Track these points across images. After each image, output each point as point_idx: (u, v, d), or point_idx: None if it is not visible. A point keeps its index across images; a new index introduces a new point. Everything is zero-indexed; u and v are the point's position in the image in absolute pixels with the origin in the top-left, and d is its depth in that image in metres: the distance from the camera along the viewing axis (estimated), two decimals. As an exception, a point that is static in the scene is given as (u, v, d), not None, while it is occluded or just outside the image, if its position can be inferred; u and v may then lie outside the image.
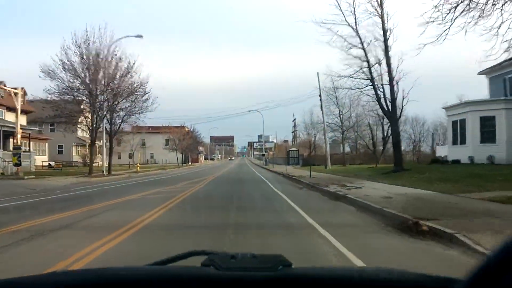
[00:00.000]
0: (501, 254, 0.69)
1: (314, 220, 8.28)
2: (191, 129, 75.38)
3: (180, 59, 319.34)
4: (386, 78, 21.91)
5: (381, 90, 21.98)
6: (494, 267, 0.69)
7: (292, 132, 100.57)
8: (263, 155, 71.22)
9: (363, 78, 22.08)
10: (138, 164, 42.57)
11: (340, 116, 44.90)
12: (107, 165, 32.42)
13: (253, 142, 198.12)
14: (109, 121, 31.89)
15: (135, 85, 31.01)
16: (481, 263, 0.71)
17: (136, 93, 30.92)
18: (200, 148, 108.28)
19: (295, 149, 60.93)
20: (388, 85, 21.72)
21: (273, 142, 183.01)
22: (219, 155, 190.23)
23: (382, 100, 22.22)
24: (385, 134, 62.82)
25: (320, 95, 38.20)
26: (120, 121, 32.52)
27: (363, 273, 1.23)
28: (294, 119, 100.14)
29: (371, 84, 21.87)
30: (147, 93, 31.78)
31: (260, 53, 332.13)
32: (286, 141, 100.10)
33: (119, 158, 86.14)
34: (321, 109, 38.90)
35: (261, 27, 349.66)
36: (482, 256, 0.95)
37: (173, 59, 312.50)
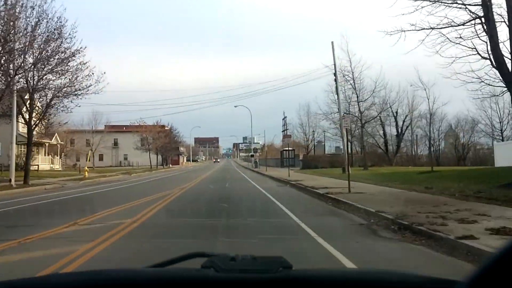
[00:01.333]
0: (501, 257, 0.69)
1: None
2: (169, 127, 64.11)
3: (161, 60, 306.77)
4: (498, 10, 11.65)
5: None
6: (494, 269, 0.69)
7: (283, 131, 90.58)
8: (252, 155, 60.74)
9: (459, 5, 11.59)
10: (86, 169, 31.81)
11: (358, 104, 34.61)
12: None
13: (239, 144, 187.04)
14: (26, 104, 20.92)
15: (67, 53, 20.07)
16: (481, 265, 0.71)
17: (65, 60, 19.96)
18: (181, 149, 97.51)
19: (290, 149, 50.70)
20: (504, 23, 11.42)
21: (258, 143, 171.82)
22: (204, 157, 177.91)
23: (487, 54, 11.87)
24: (399, 130, 52.46)
25: (335, 74, 27.90)
26: (46, 104, 21.50)
27: (363, 275, 1.22)
28: (285, 117, 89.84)
29: (478, 16, 11.39)
30: (85, 63, 20.86)
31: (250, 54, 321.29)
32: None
33: (88, 160, 74.46)
34: (336, 91, 28.55)
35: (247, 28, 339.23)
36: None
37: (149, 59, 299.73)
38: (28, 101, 21.14)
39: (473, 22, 11.53)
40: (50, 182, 23.88)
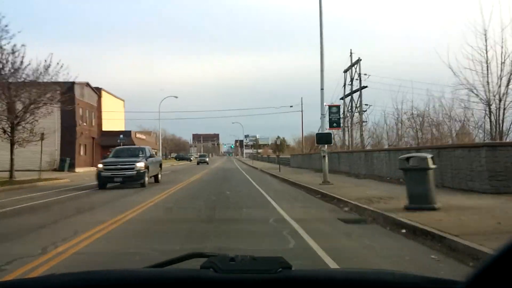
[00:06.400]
0: (500, 257, 0.67)
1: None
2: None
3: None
4: None
5: None
6: (493, 269, 0.68)
7: (348, 93, 43.00)
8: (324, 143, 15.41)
9: None
10: None
11: None
12: None
13: (240, 140, 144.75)
14: None
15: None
16: (481, 265, 0.70)
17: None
18: (140, 135, 52.69)
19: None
20: None
21: (267, 138, 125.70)
22: (197, 154, 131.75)
23: None
24: None
25: None
26: None
27: (363, 275, 1.19)
28: (358, 60, 41.77)
29: None
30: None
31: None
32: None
33: None
34: None
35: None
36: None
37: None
38: None
39: None
40: None
